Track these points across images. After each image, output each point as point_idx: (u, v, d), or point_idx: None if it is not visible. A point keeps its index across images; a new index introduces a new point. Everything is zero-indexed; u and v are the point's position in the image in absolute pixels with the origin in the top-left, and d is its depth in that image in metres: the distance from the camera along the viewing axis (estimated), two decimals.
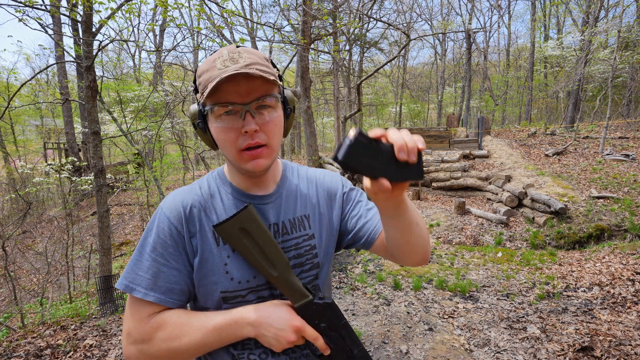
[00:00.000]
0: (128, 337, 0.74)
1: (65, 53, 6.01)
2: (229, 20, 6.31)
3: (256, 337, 0.73)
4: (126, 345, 0.75)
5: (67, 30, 15.19)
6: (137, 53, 18.48)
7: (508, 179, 9.08)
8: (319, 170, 0.97)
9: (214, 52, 0.78)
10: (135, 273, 0.75)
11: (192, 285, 0.79)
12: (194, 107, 0.78)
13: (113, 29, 5.42)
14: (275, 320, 0.73)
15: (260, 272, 0.77)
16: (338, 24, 8.31)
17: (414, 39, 8.61)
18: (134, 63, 18.92)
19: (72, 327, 3.87)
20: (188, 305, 0.84)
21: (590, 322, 3.58)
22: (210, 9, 7.19)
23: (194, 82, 0.78)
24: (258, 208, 0.82)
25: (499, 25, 26.80)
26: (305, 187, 0.90)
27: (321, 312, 0.74)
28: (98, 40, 4.73)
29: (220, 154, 19.50)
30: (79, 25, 4.83)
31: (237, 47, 0.74)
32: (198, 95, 0.76)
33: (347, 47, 16.17)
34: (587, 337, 3.27)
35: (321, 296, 0.75)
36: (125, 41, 5.64)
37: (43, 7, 4.67)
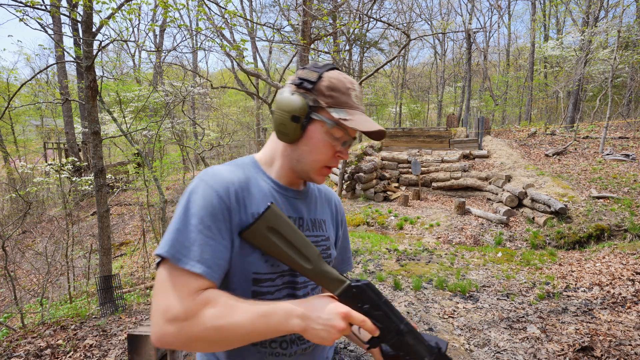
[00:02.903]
0: (165, 314, 0.67)
1: (65, 53, 6.01)
2: (229, 21, 6.31)
3: (304, 331, 0.70)
4: (162, 324, 0.67)
5: (67, 30, 15.21)
6: (137, 53, 18.49)
7: (508, 179, 9.08)
8: None
9: (331, 67, 0.83)
10: (181, 244, 0.70)
11: (229, 263, 0.77)
12: (302, 101, 0.79)
13: (113, 29, 5.42)
14: (322, 311, 0.70)
15: (293, 268, 0.76)
16: (338, 24, 8.31)
17: (414, 39, 8.61)
18: (134, 63, 18.92)
19: (72, 327, 3.87)
20: None
21: (590, 322, 3.58)
22: (210, 9, 7.19)
23: (314, 82, 0.79)
24: (292, 201, 0.88)
25: (499, 25, 26.79)
26: (320, 194, 0.99)
27: (362, 294, 0.72)
28: (98, 40, 4.73)
29: (221, 154, 19.51)
30: (79, 25, 4.84)
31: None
32: (321, 100, 0.79)
33: (347, 47, 16.16)
34: (587, 337, 3.27)
35: (357, 279, 0.74)
36: (125, 41, 5.64)
37: (43, 7, 4.67)
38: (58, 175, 10.38)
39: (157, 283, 0.70)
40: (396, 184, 11.04)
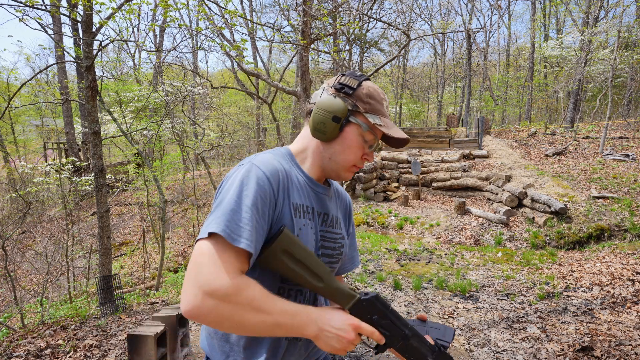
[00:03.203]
0: (205, 286, 0.66)
1: (65, 53, 6.01)
2: (229, 21, 6.31)
3: (316, 337, 0.74)
4: (200, 296, 0.66)
5: (67, 30, 15.20)
6: (137, 53, 18.49)
7: (508, 179, 9.08)
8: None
9: (366, 78, 0.90)
10: (235, 223, 0.71)
11: None
12: (344, 104, 0.85)
13: (113, 29, 5.42)
14: (335, 321, 0.75)
15: (306, 287, 0.79)
16: (338, 24, 8.31)
17: (414, 39, 8.61)
18: (134, 63, 18.92)
19: (72, 327, 3.87)
20: None
21: (590, 322, 3.58)
22: (210, 9, 7.19)
23: (354, 88, 0.87)
24: (321, 197, 0.94)
25: (499, 25, 26.75)
26: (338, 194, 1.05)
27: (371, 307, 0.77)
28: (98, 40, 4.73)
29: (221, 154, 19.50)
30: (79, 25, 4.84)
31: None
32: (359, 105, 0.87)
33: (347, 47, 16.17)
34: (587, 337, 3.27)
35: (366, 292, 0.78)
36: (125, 41, 5.64)
37: (43, 7, 4.67)
38: (58, 175, 10.38)
39: (200, 255, 0.69)
40: (396, 184, 11.04)
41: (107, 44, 4.95)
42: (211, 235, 0.70)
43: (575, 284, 4.64)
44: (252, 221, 0.72)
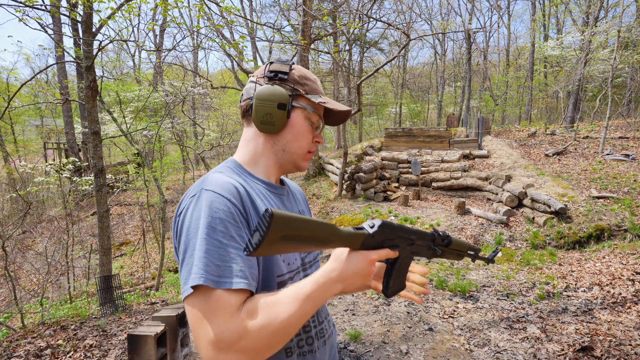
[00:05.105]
0: (218, 344, 0.63)
1: (65, 53, 6.02)
2: (228, 18, 6.31)
3: (343, 291, 0.72)
4: (219, 356, 0.64)
5: (67, 30, 15.20)
6: (137, 53, 18.49)
7: (508, 179, 9.08)
8: None
9: (292, 62, 0.90)
10: (215, 265, 0.67)
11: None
12: (284, 90, 0.84)
13: (113, 29, 5.42)
14: (353, 268, 0.69)
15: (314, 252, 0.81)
16: (338, 24, 8.31)
17: (414, 39, 8.61)
18: (134, 63, 18.92)
19: (72, 327, 3.87)
20: None
21: (590, 322, 3.58)
22: (209, 8, 7.19)
23: (287, 72, 0.85)
24: (284, 199, 0.93)
25: (498, 25, 26.74)
26: (292, 188, 1.04)
27: (379, 235, 0.74)
28: (98, 40, 4.73)
29: (221, 154, 19.51)
30: (79, 25, 4.84)
31: None
32: (299, 88, 0.86)
33: (347, 47, 16.17)
34: (587, 337, 3.27)
35: (371, 224, 0.73)
36: (125, 41, 5.64)
37: (43, 7, 4.67)
38: (58, 175, 10.38)
39: (197, 314, 0.66)
40: (396, 184, 11.03)
41: (107, 44, 4.95)
42: (196, 288, 0.66)
43: (575, 284, 4.64)
44: (230, 254, 0.68)
